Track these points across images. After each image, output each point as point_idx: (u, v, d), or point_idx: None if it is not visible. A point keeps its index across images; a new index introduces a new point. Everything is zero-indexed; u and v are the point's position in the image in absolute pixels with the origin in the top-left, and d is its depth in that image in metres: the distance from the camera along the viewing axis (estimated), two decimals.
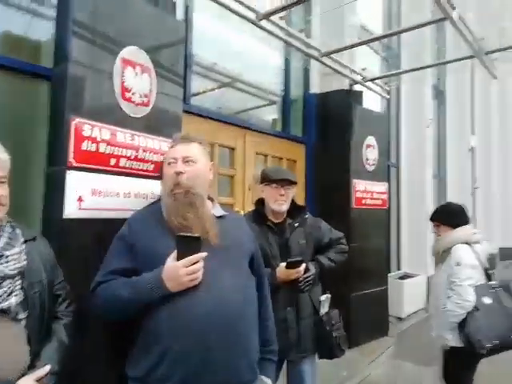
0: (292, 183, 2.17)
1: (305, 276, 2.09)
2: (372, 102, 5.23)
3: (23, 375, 1.14)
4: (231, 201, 3.59)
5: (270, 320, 1.63)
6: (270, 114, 4.52)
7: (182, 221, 1.37)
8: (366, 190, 4.52)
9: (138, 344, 1.36)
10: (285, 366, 2.20)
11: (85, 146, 1.90)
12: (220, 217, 1.52)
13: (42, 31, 2.26)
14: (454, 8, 2.96)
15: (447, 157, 9.10)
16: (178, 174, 1.43)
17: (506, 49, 3.71)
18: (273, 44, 3.62)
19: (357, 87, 4.64)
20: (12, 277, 1.17)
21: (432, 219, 2.66)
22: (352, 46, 3.98)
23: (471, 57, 3.73)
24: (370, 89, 4.74)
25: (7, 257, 1.18)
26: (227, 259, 1.40)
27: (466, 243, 2.44)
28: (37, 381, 1.15)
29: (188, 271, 1.27)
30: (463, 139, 9.05)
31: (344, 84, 4.52)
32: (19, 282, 1.19)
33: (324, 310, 2.20)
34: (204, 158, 1.53)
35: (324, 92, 4.63)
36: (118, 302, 1.33)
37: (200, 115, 3.31)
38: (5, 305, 1.13)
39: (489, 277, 2.42)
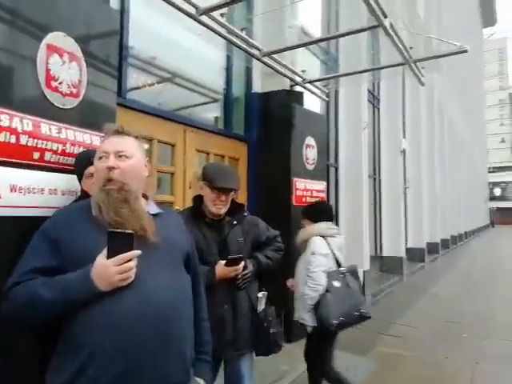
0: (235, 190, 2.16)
1: (243, 273, 2.09)
2: (312, 103, 5.38)
3: None
4: (171, 199, 3.51)
5: (205, 320, 1.60)
6: (212, 112, 4.49)
7: (115, 216, 1.28)
8: (306, 189, 4.65)
9: (61, 348, 1.25)
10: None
11: (3, 137, 1.74)
12: (155, 215, 1.45)
13: None
14: (386, 16, 3.13)
15: (381, 158, 9.66)
16: (110, 169, 1.35)
17: (432, 58, 4.01)
18: (215, 41, 3.58)
19: (297, 89, 4.75)
20: None
21: (302, 213, 3.07)
22: (292, 48, 4.07)
23: (402, 64, 3.98)
24: (310, 90, 4.88)
25: None
26: (162, 258, 1.35)
27: (322, 236, 2.81)
28: None
29: (119, 270, 1.19)
30: (395, 141, 9.65)
31: (285, 85, 4.61)
32: None
33: (261, 306, 2.22)
34: (139, 154, 1.45)
35: (266, 92, 4.69)
36: (38, 304, 1.21)
37: (137, 110, 3.19)
38: None
39: (339, 264, 2.82)
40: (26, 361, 1.65)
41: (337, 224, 7.12)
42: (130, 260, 1.21)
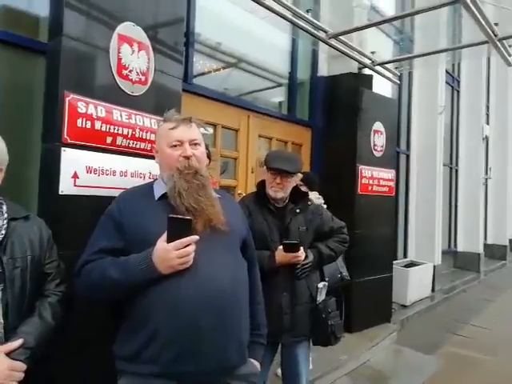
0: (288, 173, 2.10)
1: (303, 263, 2.07)
2: (382, 86, 5.10)
3: None
4: (234, 183, 3.57)
5: (260, 304, 1.61)
6: (276, 97, 4.45)
7: (194, 204, 1.32)
8: (373, 177, 4.46)
9: (127, 324, 1.35)
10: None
11: (80, 123, 1.89)
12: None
13: (41, 5, 2.23)
14: None
15: (460, 145, 8.91)
16: (189, 157, 1.40)
17: None
18: (280, 24, 3.53)
19: (366, 71, 4.54)
20: None
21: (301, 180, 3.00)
22: (361, 28, 3.88)
23: (486, 42, 3.60)
24: (380, 73, 4.63)
25: None
26: (221, 242, 1.38)
27: None
28: (7, 354, 1.15)
29: (178, 254, 1.24)
30: (477, 127, 8.82)
31: (353, 68, 4.42)
32: None
33: (321, 297, 2.18)
34: (203, 141, 1.51)
35: (332, 75, 4.54)
36: (107, 282, 1.30)
37: (202, 95, 3.27)
38: None
39: None
40: (97, 333, 1.79)
41: (406, 214, 6.83)
42: (188, 245, 1.26)
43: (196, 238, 1.27)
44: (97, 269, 1.32)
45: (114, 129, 2.02)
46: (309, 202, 2.26)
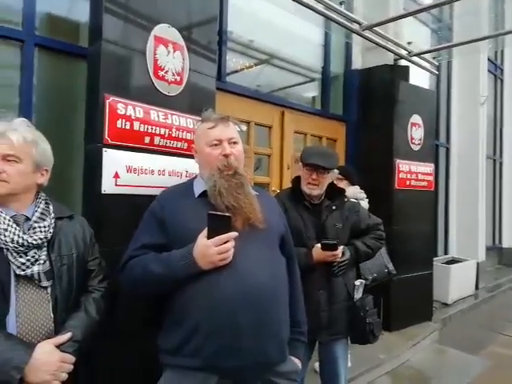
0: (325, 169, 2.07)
1: (340, 260, 2.04)
2: (420, 77, 4.93)
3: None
4: (268, 180, 3.57)
5: (300, 301, 1.61)
6: (310, 92, 4.40)
7: (233, 202, 1.35)
8: (411, 171, 4.32)
9: (170, 317, 1.38)
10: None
11: (119, 124, 1.95)
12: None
13: (81, 11, 2.32)
14: None
15: (504, 136, 8.45)
16: (227, 156, 1.42)
17: None
18: (312, 18, 3.48)
19: (402, 62, 4.39)
20: (37, 247, 1.24)
21: (340, 173, 3.01)
22: (397, 18, 3.76)
23: None
24: (417, 64, 4.47)
25: (34, 228, 1.25)
26: (259, 239, 1.39)
27: (355, 199, 2.81)
28: (57, 346, 1.20)
29: (218, 250, 1.26)
30: None
31: (388, 59, 4.29)
32: (45, 253, 1.26)
33: (358, 295, 2.15)
34: (240, 139, 1.53)
35: (366, 68, 4.43)
36: (150, 276, 1.34)
37: (236, 93, 3.28)
38: (28, 272, 1.20)
39: None
40: (140, 327, 1.86)
41: (446, 210, 6.56)
42: (227, 241, 1.28)
43: (235, 234, 1.29)
44: (140, 264, 1.37)
45: (152, 129, 2.07)
46: (345, 199, 2.22)
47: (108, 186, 1.92)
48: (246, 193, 1.39)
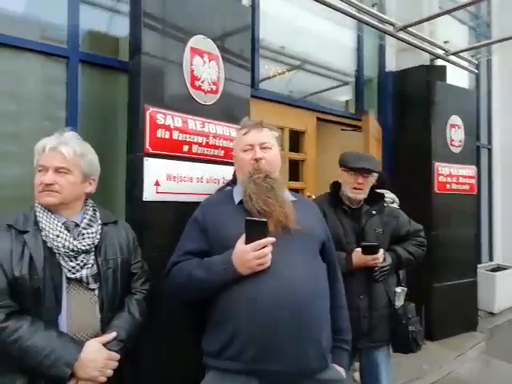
0: (372, 171, 2.06)
1: (381, 265, 2.00)
2: (458, 77, 4.77)
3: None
4: (302, 185, 3.55)
5: (343, 308, 1.58)
6: (343, 96, 4.36)
7: (263, 206, 1.36)
8: (451, 174, 4.17)
9: (212, 321, 1.41)
10: None
11: (159, 133, 2.02)
12: (292, 202, 1.50)
13: (121, 27, 2.42)
14: None
15: None
16: (258, 160, 1.44)
17: None
18: (344, 22, 3.47)
19: (439, 62, 4.27)
20: (86, 252, 1.31)
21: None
22: (432, 17, 3.67)
23: None
24: (455, 63, 4.33)
25: (83, 234, 1.32)
26: (299, 245, 1.39)
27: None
28: (103, 344, 1.26)
29: (256, 255, 1.27)
30: None
31: (424, 60, 4.19)
32: (93, 257, 1.33)
33: (399, 302, 2.09)
34: (276, 144, 1.54)
35: (401, 70, 4.34)
36: (193, 281, 1.38)
37: (269, 100, 3.31)
38: (78, 275, 1.27)
39: None
40: (186, 331, 1.87)
41: (490, 214, 6.26)
42: (265, 246, 1.29)
43: (272, 239, 1.30)
44: (183, 270, 1.41)
45: (190, 137, 2.13)
46: (384, 204, 2.18)
47: (149, 194, 1.98)
48: (276, 196, 1.40)
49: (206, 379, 1.40)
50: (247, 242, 1.29)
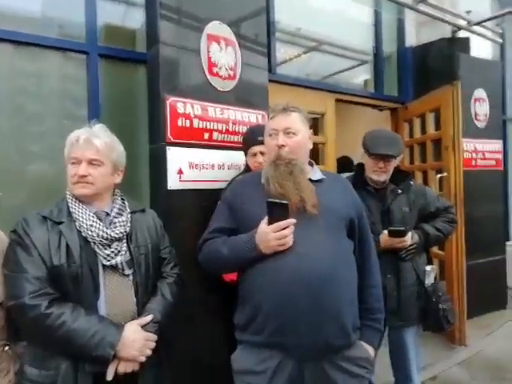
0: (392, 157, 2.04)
1: (408, 244, 1.99)
2: (482, 49, 4.58)
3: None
4: (322, 168, 3.51)
5: (374, 287, 1.58)
6: (362, 75, 4.27)
7: (279, 189, 1.40)
8: (476, 150, 4.06)
9: (240, 298, 1.49)
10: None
11: (180, 122, 2.04)
12: (318, 181, 1.51)
13: (136, 18, 2.44)
14: None
15: None
16: (280, 146, 1.46)
17: None
18: None
19: (461, 34, 4.11)
20: (119, 239, 1.36)
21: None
22: None
23: None
24: (478, 34, 4.16)
25: (115, 223, 1.38)
26: (321, 225, 1.40)
27: None
28: (141, 327, 1.32)
29: (277, 236, 1.31)
30: None
31: (445, 32, 4.04)
32: (125, 244, 1.38)
33: (429, 280, 2.08)
34: (304, 128, 1.53)
35: (422, 44, 4.20)
36: (219, 258, 1.45)
37: (287, 83, 3.27)
38: (113, 262, 1.32)
39: None
40: (216, 307, 1.98)
41: None
42: (286, 227, 1.32)
43: (293, 221, 1.33)
44: (212, 246, 1.49)
45: (210, 125, 2.15)
46: (410, 182, 2.15)
47: (173, 183, 2.03)
48: (295, 181, 1.41)
49: (236, 352, 1.48)
50: (269, 223, 1.33)
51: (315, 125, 3.61)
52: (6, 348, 1.28)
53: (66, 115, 2.30)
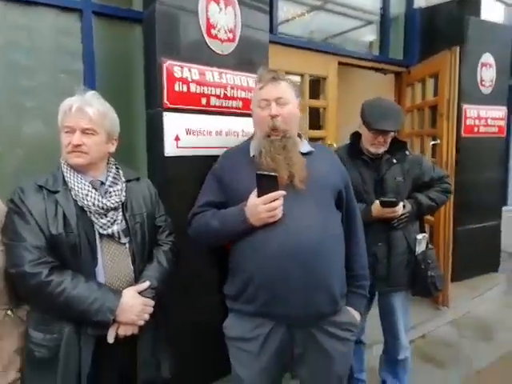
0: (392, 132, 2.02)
1: (400, 213, 2.01)
2: (493, 11, 4.37)
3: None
4: (323, 134, 3.49)
5: (359, 256, 1.62)
6: (367, 36, 4.11)
7: (271, 162, 1.40)
8: (479, 117, 3.99)
9: (231, 269, 1.53)
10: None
11: (177, 87, 2.00)
12: (307, 153, 1.51)
13: None
14: None
15: None
16: (274, 117, 1.43)
17: None
18: None
19: None
20: (114, 209, 1.38)
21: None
22: None
23: None
24: None
25: (110, 192, 1.39)
26: (309, 197, 1.41)
27: None
28: (138, 292, 1.37)
29: (267, 208, 1.33)
30: None
31: None
32: (121, 213, 1.40)
33: (420, 248, 2.12)
34: (293, 97, 1.51)
35: (430, 6, 4.02)
36: (210, 231, 1.47)
37: (289, 45, 3.16)
38: (109, 231, 1.35)
39: None
40: (211, 275, 2.03)
41: None
42: (276, 199, 1.33)
43: (282, 193, 1.34)
44: (202, 219, 1.51)
45: (208, 90, 2.10)
46: (406, 152, 2.14)
47: (170, 149, 2.01)
48: (287, 154, 1.42)
49: (227, 319, 1.54)
50: (259, 195, 1.34)
51: (317, 88, 3.53)
52: (9, 312, 1.32)
53: (60, 71, 2.19)
